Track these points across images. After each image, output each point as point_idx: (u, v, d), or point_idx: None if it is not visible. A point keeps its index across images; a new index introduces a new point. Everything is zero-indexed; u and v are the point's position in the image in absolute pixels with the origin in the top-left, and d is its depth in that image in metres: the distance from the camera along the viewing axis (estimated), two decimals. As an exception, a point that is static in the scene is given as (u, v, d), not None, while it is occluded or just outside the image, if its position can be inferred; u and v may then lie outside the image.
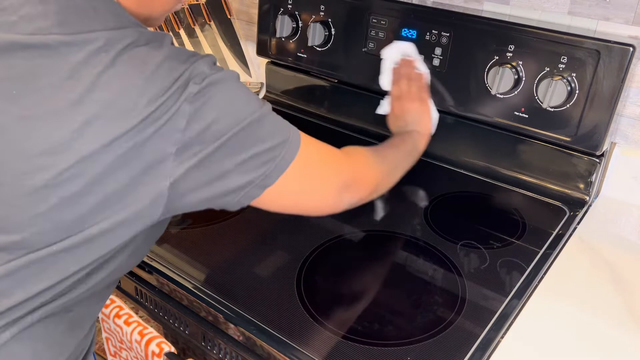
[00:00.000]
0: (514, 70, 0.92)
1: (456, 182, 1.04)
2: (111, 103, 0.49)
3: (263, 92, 1.36)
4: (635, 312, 0.75)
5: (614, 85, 0.86)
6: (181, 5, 0.66)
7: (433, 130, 0.98)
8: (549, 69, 0.90)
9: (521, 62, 0.92)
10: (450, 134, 1.08)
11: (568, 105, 0.90)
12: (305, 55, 1.19)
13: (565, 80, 0.88)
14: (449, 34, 0.98)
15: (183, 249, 0.84)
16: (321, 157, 0.65)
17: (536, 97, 0.92)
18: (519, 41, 0.92)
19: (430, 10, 1.01)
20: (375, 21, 1.06)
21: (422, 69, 1.00)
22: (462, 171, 1.06)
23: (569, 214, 0.94)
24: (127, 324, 0.77)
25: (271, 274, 0.80)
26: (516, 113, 0.95)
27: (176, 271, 0.80)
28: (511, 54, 0.93)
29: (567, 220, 0.92)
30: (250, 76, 1.42)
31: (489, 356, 0.67)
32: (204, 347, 0.77)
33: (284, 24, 1.15)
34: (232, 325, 0.72)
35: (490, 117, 0.99)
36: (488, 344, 0.68)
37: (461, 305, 0.75)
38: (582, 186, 0.96)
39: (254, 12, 1.30)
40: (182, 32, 1.42)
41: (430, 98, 0.99)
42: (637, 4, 0.88)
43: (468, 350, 0.67)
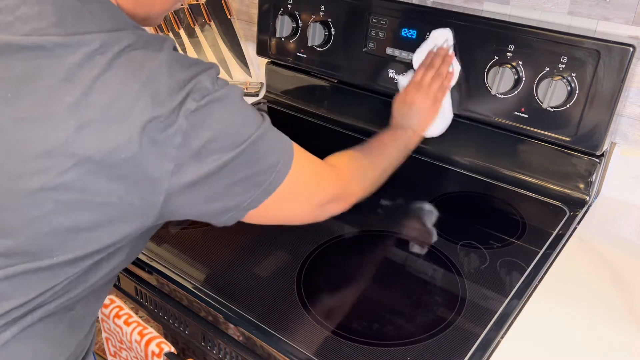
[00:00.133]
0: (514, 70, 0.92)
1: (456, 182, 1.04)
2: (108, 107, 0.48)
3: (263, 92, 1.36)
4: (635, 312, 0.75)
5: (614, 85, 0.86)
6: (180, 4, 0.66)
7: (443, 131, 0.99)
8: (549, 69, 0.90)
9: (521, 62, 0.92)
10: (451, 134, 1.07)
11: (568, 105, 0.90)
12: (305, 55, 1.19)
13: (565, 80, 0.88)
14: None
15: (183, 249, 0.84)
16: (310, 177, 0.65)
17: (536, 97, 0.92)
18: (519, 41, 0.92)
19: (430, 10, 1.01)
20: (375, 21, 1.06)
21: (455, 67, 0.98)
22: (462, 171, 1.06)
23: (569, 214, 0.94)
24: (127, 324, 0.77)
25: (271, 274, 0.80)
26: (516, 113, 0.95)
27: (176, 271, 0.80)
28: (511, 54, 0.93)
29: (567, 220, 0.92)
30: (250, 76, 1.42)
31: (489, 356, 0.67)
32: (204, 347, 0.77)
33: (284, 24, 1.15)
34: (232, 325, 0.72)
35: (490, 117, 0.99)
36: (488, 344, 0.68)
37: (461, 305, 0.75)
38: (582, 186, 0.96)
39: (254, 12, 1.30)
40: (182, 32, 1.42)
41: (448, 99, 0.99)
42: (637, 4, 0.88)
43: (468, 350, 0.67)
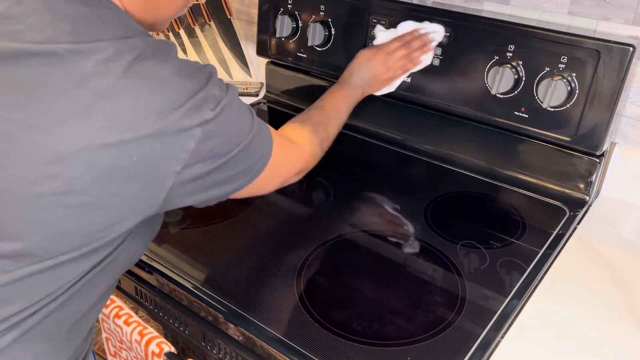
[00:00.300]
0: (514, 70, 0.92)
1: (456, 182, 1.03)
2: (120, 115, 0.49)
3: (263, 92, 1.36)
4: (635, 312, 0.75)
5: (614, 85, 0.86)
6: (186, 10, 0.66)
7: (380, 94, 1.04)
8: (549, 69, 0.90)
9: (521, 62, 0.92)
10: (451, 133, 1.08)
11: (568, 105, 0.90)
12: (305, 55, 1.19)
13: (565, 80, 0.88)
14: (449, 34, 0.98)
15: (183, 249, 0.84)
16: (282, 159, 0.70)
17: (536, 97, 0.92)
18: (519, 41, 0.92)
19: (430, 10, 1.01)
20: (375, 21, 1.06)
21: (427, 58, 1.00)
22: (462, 171, 1.06)
23: (569, 214, 0.94)
24: (127, 324, 0.77)
25: (271, 274, 0.80)
26: (516, 113, 0.95)
27: (176, 271, 0.80)
28: (511, 54, 0.93)
29: (567, 220, 0.92)
30: (250, 76, 1.42)
31: (489, 356, 0.67)
32: (204, 347, 0.77)
33: (284, 24, 1.15)
34: (232, 325, 0.72)
35: (490, 117, 0.99)
36: (488, 344, 0.68)
37: (461, 305, 0.75)
38: (582, 186, 0.96)
39: (254, 12, 1.30)
40: (182, 32, 1.42)
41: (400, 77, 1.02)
42: (637, 4, 0.88)
43: (468, 350, 0.67)
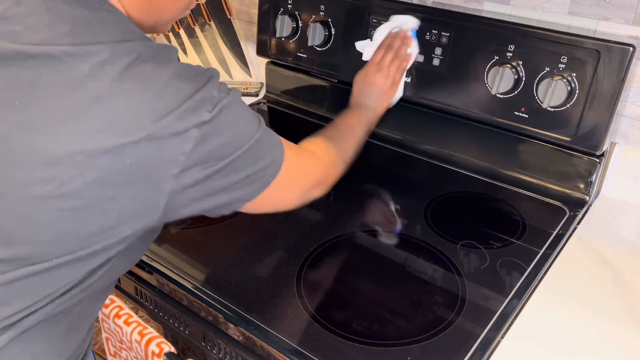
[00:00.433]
0: (514, 70, 0.92)
1: (456, 182, 1.03)
2: (115, 118, 0.48)
3: (263, 92, 1.36)
4: (635, 312, 0.75)
5: (614, 85, 0.86)
6: (188, 12, 0.66)
7: (392, 105, 1.03)
8: (549, 69, 0.90)
9: (521, 62, 0.92)
10: (450, 133, 1.08)
11: (568, 105, 0.90)
12: (305, 55, 1.19)
13: (565, 80, 0.88)
14: (449, 34, 0.98)
15: (183, 249, 0.84)
16: (298, 168, 0.69)
17: (536, 97, 0.92)
18: (519, 41, 0.92)
19: (430, 10, 1.01)
20: (375, 21, 1.06)
21: (414, 49, 1.02)
22: (462, 171, 1.06)
23: (569, 214, 0.94)
24: (127, 324, 0.77)
25: (271, 274, 0.80)
26: (516, 113, 0.95)
27: (176, 271, 0.80)
28: (511, 54, 0.93)
29: (567, 220, 0.92)
30: (250, 76, 1.42)
31: (489, 356, 0.67)
32: (204, 347, 0.77)
33: (284, 24, 1.15)
34: (232, 325, 0.72)
35: (490, 117, 0.99)
36: (488, 344, 0.68)
37: (461, 305, 0.75)
38: (582, 186, 0.96)
39: (254, 12, 1.30)
40: (182, 32, 1.42)
41: (403, 79, 1.03)
42: (637, 4, 0.88)
43: (468, 350, 0.67)
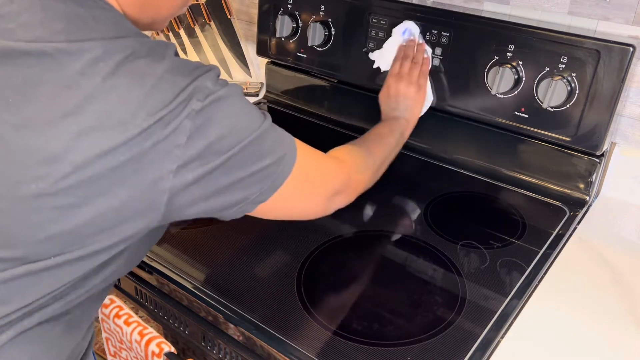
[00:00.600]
0: (514, 70, 0.92)
1: (456, 182, 1.03)
2: (109, 114, 0.48)
3: (263, 92, 1.36)
4: (635, 312, 0.75)
5: (614, 85, 0.86)
6: (186, 8, 0.66)
7: (423, 112, 1.01)
8: (549, 69, 0.90)
9: (521, 62, 0.92)
10: (450, 133, 1.08)
11: (568, 105, 0.90)
12: (305, 55, 1.19)
13: (565, 80, 0.88)
14: (449, 34, 0.98)
15: (183, 249, 0.84)
16: (315, 169, 0.66)
17: (536, 97, 0.92)
18: (519, 41, 0.92)
19: (430, 10, 1.01)
20: (375, 21, 1.06)
21: (428, 53, 1.01)
22: (462, 171, 1.06)
23: (569, 214, 0.94)
24: (127, 324, 0.77)
25: (271, 274, 0.80)
26: (516, 113, 0.95)
27: (176, 271, 0.80)
28: (511, 54, 0.93)
29: (567, 220, 0.92)
30: (250, 76, 1.42)
31: (489, 356, 0.67)
32: (204, 347, 0.77)
33: (284, 24, 1.15)
34: (232, 325, 0.72)
35: (490, 117, 0.99)
36: (488, 344, 0.68)
37: (461, 305, 0.75)
38: (582, 186, 0.96)
39: (254, 12, 1.30)
40: (182, 32, 1.42)
41: (429, 82, 1.01)
42: (637, 4, 0.88)
43: (468, 350, 0.67)
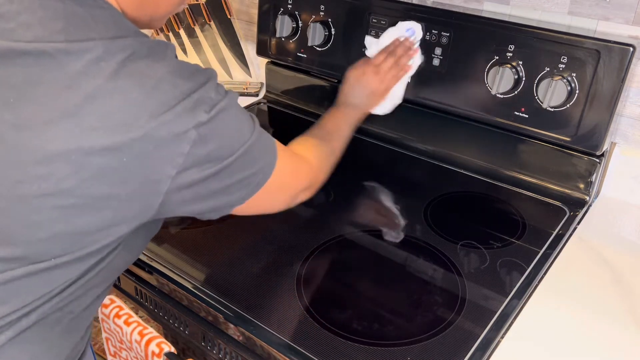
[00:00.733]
0: (514, 70, 0.92)
1: (456, 182, 1.03)
2: (110, 115, 0.48)
3: (263, 92, 1.36)
4: (635, 312, 0.75)
5: (614, 85, 0.86)
6: (184, 6, 0.66)
7: (388, 112, 1.03)
8: (549, 69, 0.90)
9: (521, 62, 0.92)
10: (451, 133, 1.08)
11: (568, 105, 0.90)
12: (305, 55, 1.19)
13: (565, 80, 0.88)
14: (449, 34, 0.98)
15: (183, 249, 0.84)
16: (288, 173, 0.69)
17: (536, 97, 0.92)
18: (519, 41, 0.92)
19: (430, 10, 1.00)
20: (375, 21, 1.06)
21: (415, 61, 1.02)
22: (462, 171, 1.06)
23: (569, 214, 0.94)
24: (127, 324, 0.77)
25: (271, 274, 0.80)
26: (516, 113, 0.95)
27: (176, 271, 0.80)
28: (511, 54, 0.93)
29: (567, 220, 0.92)
30: (250, 76, 1.42)
31: (489, 356, 0.67)
32: (204, 347, 0.77)
33: (284, 24, 1.15)
34: (232, 325, 0.72)
35: (490, 117, 0.99)
36: (488, 344, 0.68)
37: (461, 305, 0.75)
38: (582, 186, 0.96)
39: (254, 12, 1.30)
40: (182, 32, 1.42)
41: (403, 86, 1.02)
42: (637, 4, 0.88)
43: (468, 350, 0.67)
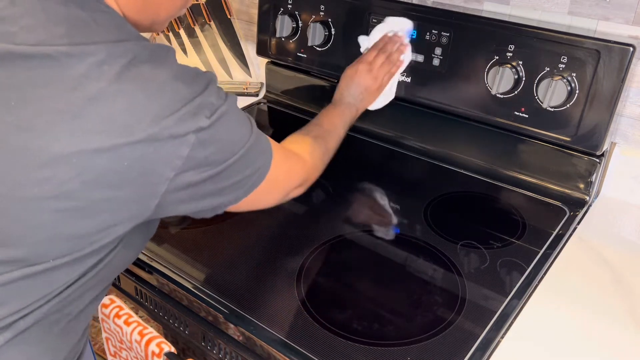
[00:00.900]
0: (514, 70, 0.92)
1: (456, 182, 1.03)
2: (113, 118, 0.48)
3: (263, 92, 1.36)
4: (635, 312, 0.75)
5: (614, 85, 0.86)
6: (185, 10, 0.66)
7: (380, 107, 1.05)
8: (549, 69, 0.90)
9: (521, 62, 0.92)
10: (451, 134, 1.08)
11: (568, 105, 0.90)
12: (305, 55, 1.19)
13: (565, 80, 0.88)
14: (449, 34, 0.98)
15: (183, 249, 0.84)
16: (283, 172, 0.69)
17: (536, 97, 0.92)
18: (519, 41, 0.92)
19: (430, 10, 1.01)
20: (376, 21, 1.06)
21: (407, 57, 1.03)
22: (462, 171, 1.06)
23: (569, 214, 0.94)
24: (127, 324, 0.77)
25: (271, 274, 0.80)
26: (516, 113, 0.95)
27: (176, 271, 0.80)
28: (511, 54, 0.93)
29: (567, 220, 0.92)
30: (250, 76, 1.42)
31: (489, 356, 0.67)
32: (204, 347, 0.77)
33: (284, 24, 1.15)
34: (232, 325, 0.72)
35: (490, 117, 0.99)
36: (488, 344, 0.68)
37: (461, 305, 0.75)
38: (582, 186, 0.96)
39: (254, 12, 1.30)
40: (182, 32, 1.42)
41: (395, 82, 1.04)
42: (637, 4, 0.88)
43: (468, 350, 0.67)
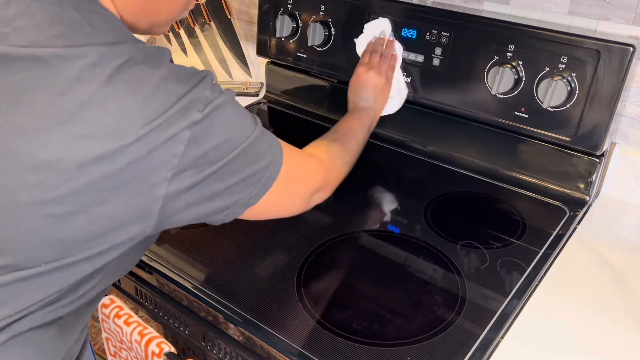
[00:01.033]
0: (514, 70, 0.92)
1: (456, 182, 1.03)
2: (104, 122, 0.47)
3: (263, 92, 1.36)
4: (635, 312, 0.75)
5: (614, 85, 0.86)
6: (187, 13, 0.65)
7: (398, 108, 1.05)
8: (549, 69, 0.90)
9: (521, 62, 0.92)
10: (451, 134, 1.08)
11: (568, 105, 0.90)
12: (305, 55, 1.19)
13: (565, 80, 0.88)
14: (449, 34, 0.98)
15: (183, 249, 0.84)
16: (299, 170, 0.68)
17: (536, 97, 0.92)
18: (519, 41, 0.92)
19: (430, 10, 1.01)
20: (375, 21, 1.06)
21: (398, 50, 1.03)
22: (462, 171, 1.06)
23: (569, 214, 0.94)
24: (127, 324, 0.77)
25: (271, 274, 0.80)
26: (516, 113, 0.95)
27: (176, 271, 0.80)
28: (511, 54, 0.93)
29: (567, 220, 0.92)
30: (250, 76, 1.42)
31: (489, 356, 0.67)
32: (204, 347, 0.77)
33: (284, 24, 1.15)
34: (232, 325, 0.72)
35: (490, 117, 0.99)
36: (488, 344, 0.68)
37: (461, 305, 0.75)
38: (582, 186, 0.96)
39: (254, 12, 1.30)
40: (182, 32, 1.42)
41: (402, 77, 1.04)
42: (637, 4, 0.88)
43: (468, 350, 0.67)
